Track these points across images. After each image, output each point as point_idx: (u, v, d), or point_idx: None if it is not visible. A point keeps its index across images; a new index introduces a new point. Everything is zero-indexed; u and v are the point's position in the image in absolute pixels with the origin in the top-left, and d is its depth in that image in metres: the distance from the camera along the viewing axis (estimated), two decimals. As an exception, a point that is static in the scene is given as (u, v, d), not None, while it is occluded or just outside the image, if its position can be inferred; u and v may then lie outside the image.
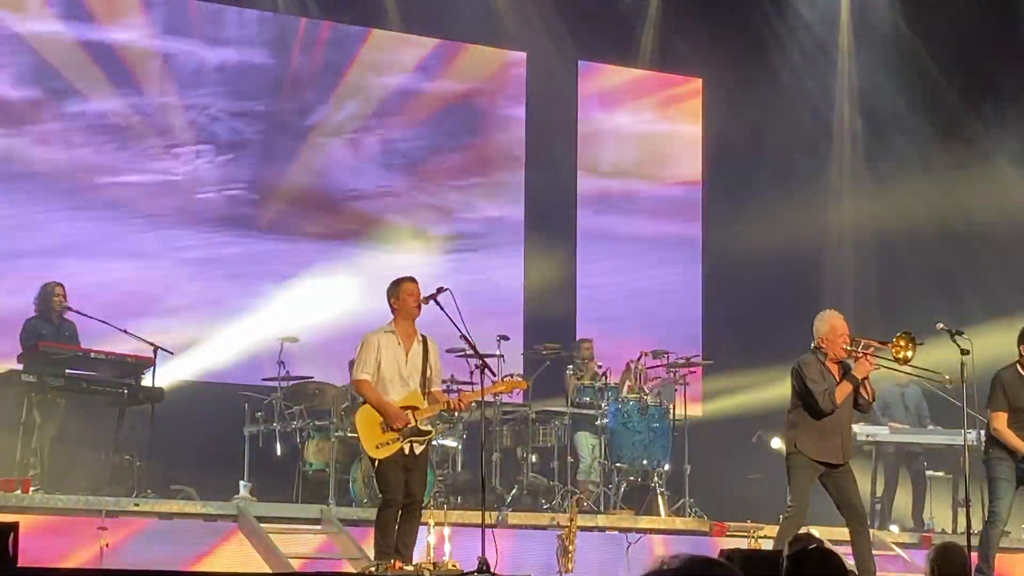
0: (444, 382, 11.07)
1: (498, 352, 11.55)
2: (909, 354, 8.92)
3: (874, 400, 9.34)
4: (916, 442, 12.46)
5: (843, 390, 8.82)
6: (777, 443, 11.92)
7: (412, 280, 8.98)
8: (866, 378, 8.90)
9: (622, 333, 15.24)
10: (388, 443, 8.64)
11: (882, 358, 8.93)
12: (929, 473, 12.42)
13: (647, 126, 15.80)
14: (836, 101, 15.54)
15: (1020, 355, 9.39)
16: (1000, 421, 9.38)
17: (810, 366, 8.88)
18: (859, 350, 8.85)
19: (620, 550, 10.56)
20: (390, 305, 8.93)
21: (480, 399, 9.29)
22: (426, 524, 9.01)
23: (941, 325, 9.49)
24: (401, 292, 8.85)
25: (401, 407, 8.69)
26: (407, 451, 8.69)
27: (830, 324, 8.95)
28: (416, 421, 8.69)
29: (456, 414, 10.76)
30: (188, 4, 13.84)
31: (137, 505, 9.75)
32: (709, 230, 15.71)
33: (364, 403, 8.82)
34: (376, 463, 8.66)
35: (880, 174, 15.48)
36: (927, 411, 12.62)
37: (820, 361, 8.92)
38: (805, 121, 15.49)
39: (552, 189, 15.16)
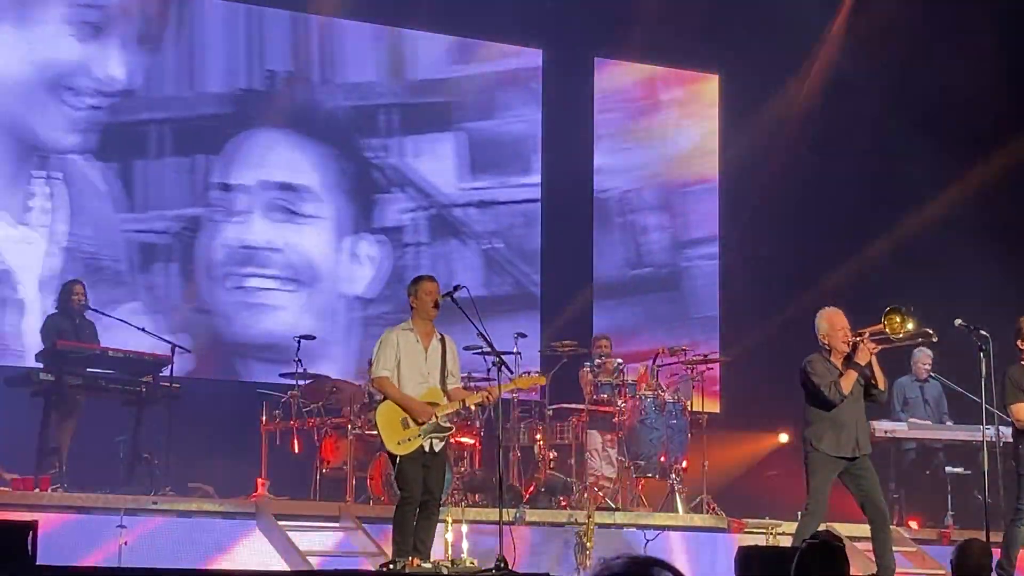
0: (461, 379, 11.10)
1: (515, 349, 11.54)
2: (910, 326, 8.93)
3: (886, 388, 9.31)
4: (935, 438, 12.43)
5: (848, 378, 8.87)
6: None
7: (431, 279, 9.00)
8: (869, 365, 8.90)
9: (639, 329, 15.24)
10: (409, 439, 8.65)
11: (882, 339, 8.93)
12: (948, 469, 12.37)
13: (663, 122, 15.77)
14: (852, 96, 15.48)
15: (1020, 349, 9.39)
16: (1022, 412, 9.34)
17: (814, 363, 8.95)
18: (862, 341, 8.87)
19: (638, 547, 10.54)
20: (409, 303, 8.96)
21: (498, 396, 9.26)
22: (444, 522, 9.01)
23: (959, 321, 9.47)
24: (420, 291, 8.87)
25: (422, 403, 8.72)
26: (427, 448, 8.70)
27: (829, 321, 9.00)
28: (437, 417, 8.71)
29: (475, 410, 10.77)
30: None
31: (155, 503, 9.78)
32: (726, 226, 15.68)
33: (384, 400, 8.83)
34: (397, 459, 8.67)
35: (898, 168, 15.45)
36: (947, 406, 12.59)
37: (826, 358, 8.96)
38: (821, 116, 15.45)
39: (569, 186, 15.14)
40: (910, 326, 8.94)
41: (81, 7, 13.14)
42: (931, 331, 9.41)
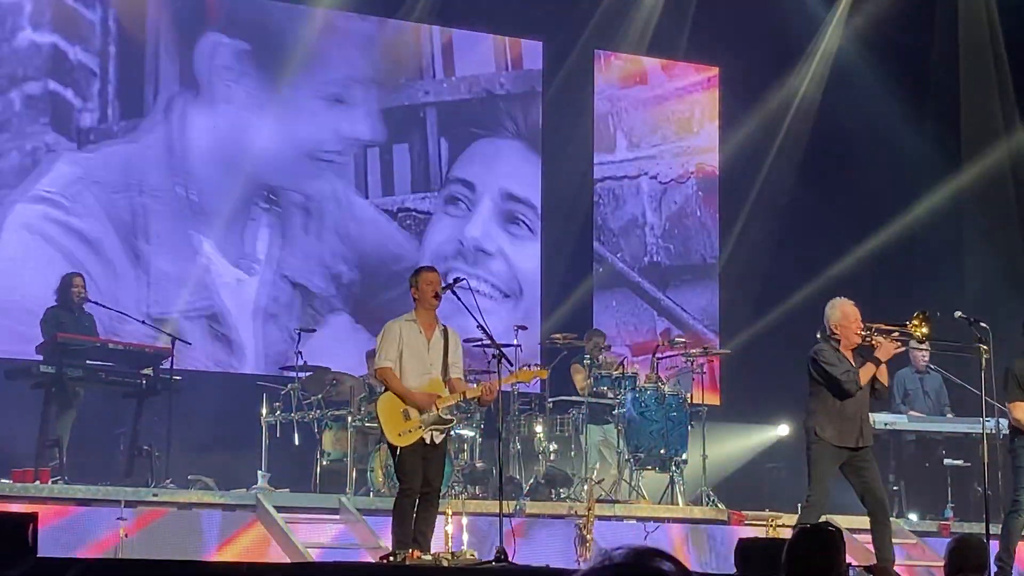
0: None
1: (515, 342, 11.53)
2: (925, 330, 8.93)
3: (888, 386, 9.31)
4: (935, 430, 12.42)
5: (867, 372, 8.81)
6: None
7: (432, 269, 9.02)
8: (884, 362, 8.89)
9: (638, 321, 15.24)
10: (410, 431, 8.65)
11: (902, 339, 8.92)
12: (948, 461, 12.37)
13: (663, 115, 15.75)
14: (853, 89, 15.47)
15: None
16: (1021, 411, 9.33)
17: (825, 352, 8.89)
18: (873, 335, 8.84)
19: (638, 539, 10.54)
20: (412, 294, 8.97)
21: (499, 388, 9.26)
22: (444, 513, 9.01)
23: (960, 313, 9.46)
24: (420, 281, 8.87)
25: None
26: (427, 440, 8.70)
27: (842, 311, 8.94)
28: (439, 409, 8.71)
29: (479, 403, 10.76)
30: None
31: (156, 495, 9.78)
32: (726, 218, 15.67)
33: (385, 391, 8.83)
34: (397, 451, 8.67)
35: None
36: (947, 398, 12.58)
37: (835, 348, 8.91)
38: (822, 108, 15.44)
39: (569, 178, 15.13)
40: (925, 329, 8.95)
41: (326, 83, 13.96)
42: (984, 347, 9.39)
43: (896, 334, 8.89)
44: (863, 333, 8.87)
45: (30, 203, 12.64)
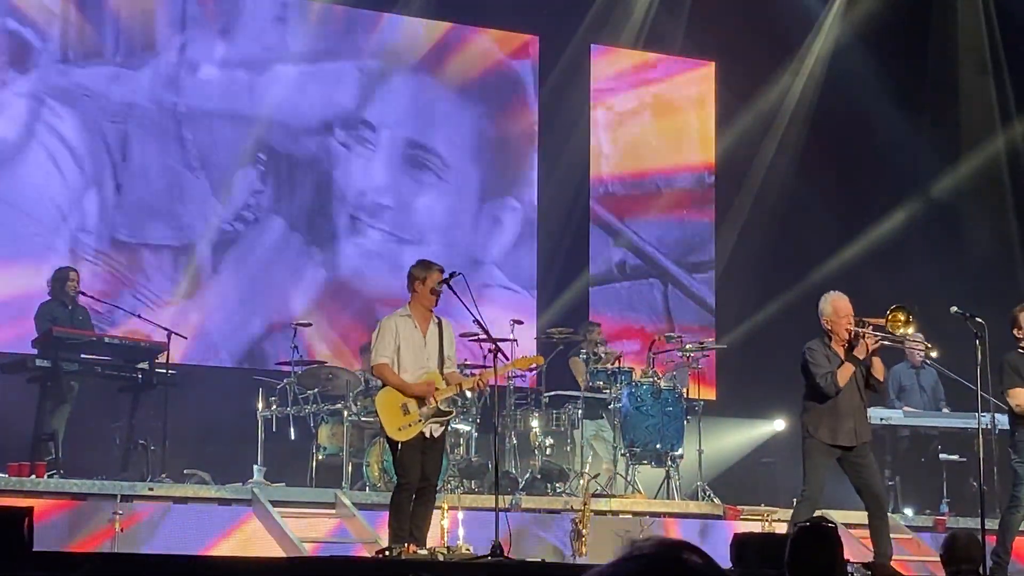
0: (457, 366, 11.08)
1: (512, 336, 11.53)
2: (911, 329, 8.93)
3: (884, 381, 9.30)
4: (930, 425, 12.43)
5: (844, 372, 8.80)
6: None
7: (441, 270, 8.94)
8: (873, 356, 8.86)
9: (635, 318, 15.23)
10: (410, 425, 8.65)
11: (883, 336, 8.91)
12: (944, 456, 12.38)
13: (660, 110, 15.74)
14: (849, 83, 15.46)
15: (1016, 339, 9.37)
16: (1022, 396, 9.30)
17: (815, 351, 8.88)
18: (863, 331, 8.84)
19: (634, 534, 10.54)
20: (411, 287, 8.92)
21: (494, 380, 9.26)
22: (440, 508, 9.02)
23: (955, 309, 9.46)
24: (428, 280, 8.83)
25: (421, 387, 8.73)
26: (427, 434, 8.70)
27: (833, 306, 8.94)
28: (437, 401, 8.71)
29: (472, 395, 10.77)
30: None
31: (151, 489, 9.77)
32: (722, 212, 15.67)
33: (383, 386, 8.83)
34: (397, 446, 8.67)
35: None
36: (943, 394, 12.59)
37: (827, 344, 8.91)
38: (818, 102, 15.44)
39: (565, 173, 15.12)
40: (911, 330, 8.94)
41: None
42: (931, 345, 9.44)
43: (873, 329, 8.88)
44: (853, 329, 8.85)
45: (26, 99, 12.76)
